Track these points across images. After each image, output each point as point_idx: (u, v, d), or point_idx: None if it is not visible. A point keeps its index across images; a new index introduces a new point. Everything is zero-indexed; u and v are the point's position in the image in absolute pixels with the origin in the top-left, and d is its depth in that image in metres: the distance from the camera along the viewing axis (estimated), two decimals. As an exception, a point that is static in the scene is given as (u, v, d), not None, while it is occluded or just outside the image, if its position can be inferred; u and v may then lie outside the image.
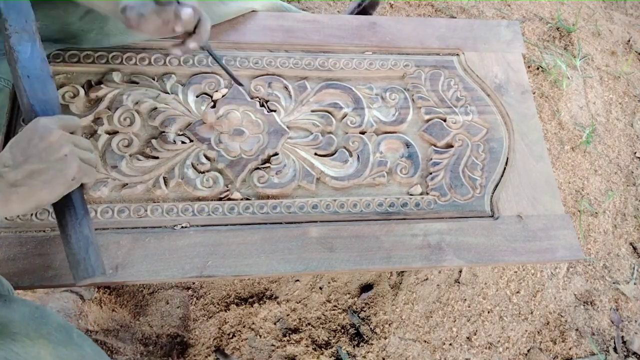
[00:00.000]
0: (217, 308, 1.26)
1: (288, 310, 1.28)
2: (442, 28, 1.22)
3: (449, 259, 0.95)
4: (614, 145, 1.71)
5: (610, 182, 1.64)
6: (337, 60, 1.12)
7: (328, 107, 1.07)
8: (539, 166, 1.08)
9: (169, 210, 0.92)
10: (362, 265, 0.93)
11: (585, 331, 1.37)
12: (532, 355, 1.32)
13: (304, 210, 0.96)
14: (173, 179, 0.94)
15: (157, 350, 1.20)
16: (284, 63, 1.10)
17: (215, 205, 0.94)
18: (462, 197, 1.02)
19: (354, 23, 1.18)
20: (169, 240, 0.89)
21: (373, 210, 0.98)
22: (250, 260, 0.90)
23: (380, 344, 1.26)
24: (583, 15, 1.98)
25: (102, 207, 0.90)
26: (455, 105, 1.12)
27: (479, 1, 1.94)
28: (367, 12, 1.58)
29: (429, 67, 1.16)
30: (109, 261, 0.86)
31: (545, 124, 1.68)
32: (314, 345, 1.24)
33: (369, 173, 1.02)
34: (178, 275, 0.87)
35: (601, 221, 1.55)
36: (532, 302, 1.38)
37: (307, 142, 1.03)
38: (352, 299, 1.32)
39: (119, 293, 1.24)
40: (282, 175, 0.98)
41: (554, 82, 1.76)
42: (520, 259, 0.99)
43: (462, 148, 1.08)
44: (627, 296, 1.44)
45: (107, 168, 0.93)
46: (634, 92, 1.83)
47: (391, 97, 1.11)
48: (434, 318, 1.32)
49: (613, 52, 1.90)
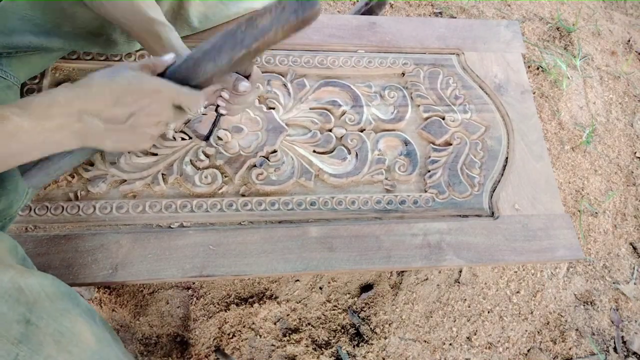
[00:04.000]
0: (217, 308, 1.26)
1: (288, 310, 1.27)
2: (442, 28, 1.22)
3: (449, 258, 0.95)
4: (614, 145, 1.71)
5: (610, 182, 1.63)
6: (336, 58, 1.12)
7: (327, 104, 1.08)
8: (539, 166, 1.08)
9: (168, 207, 0.92)
10: (362, 265, 0.93)
11: (585, 331, 1.37)
12: (532, 355, 1.32)
13: (302, 207, 0.96)
14: (172, 175, 0.95)
15: (157, 350, 1.20)
16: (283, 61, 1.10)
17: (213, 202, 0.94)
18: (460, 195, 1.02)
19: (354, 23, 1.18)
20: (168, 240, 0.89)
21: (371, 207, 0.99)
22: (250, 260, 0.90)
23: (380, 344, 1.26)
24: (583, 15, 1.98)
25: (101, 203, 0.90)
26: (454, 104, 1.12)
27: (479, 1, 1.94)
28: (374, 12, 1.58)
29: (427, 66, 1.16)
30: (109, 261, 0.86)
31: (545, 124, 1.68)
32: (314, 345, 1.24)
33: (368, 170, 1.02)
34: (178, 275, 0.87)
35: (601, 221, 1.55)
36: (532, 302, 1.38)
37: (305, 139, 1.03)
38: (352, 299, 1.32)
39: (119, 293, 1.24)
40: (281, 173, 0.98)
41: (554, 82, 1.76)
42: (520, 259, 0.98)
43: (461, 146, 1.08)
44: (627, 296, 1.44)
45: (106, 164, 0.93)
46: (634, 92, 1.83)
47: (390, 95, 1.11)
48: (434, 318, 1.32)
49: (613, 52, 1.90)
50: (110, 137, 0.66)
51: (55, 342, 0.63)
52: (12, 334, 0.60)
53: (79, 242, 0.86)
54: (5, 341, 0.60)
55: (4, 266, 0.65)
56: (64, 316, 0.65)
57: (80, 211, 0.89)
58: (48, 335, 0.62)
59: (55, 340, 0.63)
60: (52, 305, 0.65)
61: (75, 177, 0.93)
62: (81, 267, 0.85)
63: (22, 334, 0.61)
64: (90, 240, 0.87)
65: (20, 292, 0.63)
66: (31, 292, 0.64)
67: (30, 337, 0.61)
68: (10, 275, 0.64)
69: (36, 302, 0.63)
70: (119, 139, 0.67)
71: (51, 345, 0.62)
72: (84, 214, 0.89)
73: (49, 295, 0.65)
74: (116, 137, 0.66)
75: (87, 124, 0.63)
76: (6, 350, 0.60)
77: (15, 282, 0.63)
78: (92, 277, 0.84)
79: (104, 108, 0.64)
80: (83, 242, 0.86)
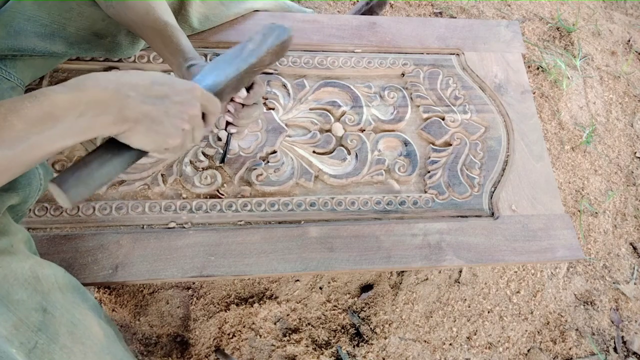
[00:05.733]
0: (217, 308, 1.26)
1: (288, 310, 1.27)
2: (442, 28, 1.22)
3: (449, 258, 0.95)
4: (614, 145, 1.71)
5: (610, 182, 1.63)
6: (335, 59, 1.12)
7: (326, 105, 1.08)
8: (539, 166, 1.08)
9: (167, 207, 0.92)
10: (361, 265, 0.93)
11: (585, 331, 1.37)
12: (532, 355, 1.32)
13: (301, 207, 0.96)
14: (171, 176, 0.95)
15: (157, 350, 1.20)
16: (283, 61, 1.10)
17: (213, 203, 0.94)
18: (460, 196, 1.02)
19: (354, 23, 1.18)
20: (168, 240, 0.89)
21: (371, 208, 0.98)
22: (250, 260, 0.90)
23: (380, 344, 1.26)
24: (583, 15, 1.98)
25: (100, 204, 0.90)
26: (454, 104, 1.12)
27: (479, 1, 1.94)
28: (375, 12, 1.58)
29: (427, 66, 1.16)
30: (109, 261, 0.86)
31: (545, 124, 1.68)
32: (314, 345, 1.24)
33: (367, 171, 1.02)
34: (178, 275, 0.87)
35: (601, 221, 1.55)
36: (532, 302, 1.38)
37: (305, 140, 1.03)
38: (352, 299, 1.32)
39: (119, 293, 1.24)
40: (280, 173, 0.98)
41: (554, 82, 1.76)
42: (520, 259, 0.98)
43: (460, 146, 1.08)
44: (627, 296, 1.44)
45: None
46: (634, 92, 1.83)
47: (390, 96, 1.11)
48: (434, 318, 1.32)
49: (613, 52, 1.90)
50: (145, 122, 0.62)
51: (70, 332, 0.64)
52: (31, 321, 0.62)
53: (79, 242, 0.86)
54: (25, 328, 0.61)
55: (24, 255, 0.66)
56: (75, 308, 0.66)
57: (80, 212, 0.89)
58: (63, 325, 0.63)
59: (69, 331, 0.64)
60: (64, 297, 0.66)
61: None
62: (81, 267, 0.85)
63: (41, 322, 0.62)
64: (90, 240, 0.87)
65: (37, 281, 0.64)
66: (47, 282, 0.65)
67: (48, 325, 0.62)
68: (30, 263, 0.65)
69: (50, 292, 0.65)
70: (152, 126, 0.63)
71: (66, 335, 0.63)
72: (84, 215, 0.89)
73: (61, 287, 0.66)
74: (150, 122, 0.62)
75: (125, 98, 0.59)
76: (27, 338, 0.61)
77: (34, 271, 0.65)
78: (92, 277, 0.84)
79: (141, 83, 0.62)
80: (83, 242, 0.86)
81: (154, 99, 0.62)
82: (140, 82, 0.62)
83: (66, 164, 0.93)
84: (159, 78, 0.64)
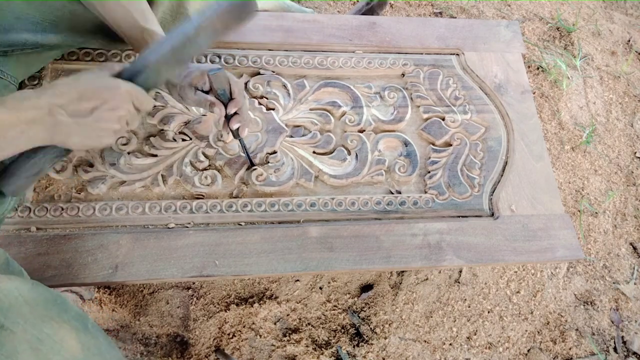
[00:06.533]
0: (217, 308, 1.26)
1: (288, 310, 1.27)
2: (442, 28, 1.22)
3: (449, 258, 0.95)
4: (614, 145, 1.71)
5: (610, 182, 1.63)
6: (335, 59, 1.12)
7: (327, 105, 1.08)
8: (539, 166, 1.08)
9: (167, 208, 0.92)
10: (361, 265, 0.93)
11: (585, 331, 1.37)
12: (532, 355, 1.32)
13: (302, 208, 0.96)
14: (171, 176, 0.95)
15: (157, 350, 1.20)
16: (283, 61, 1.10)
17: (213, 203, 0.94)
18: (460, 196, 1.02)
19: (354, 23, 1.18)
20: (168, 240, 0.89)
21: (371, 208, 0.98)
22: (250, 260, 0.90)
23: (380, 344, 1.26)
24: (583, 15, 1.98)
25: (100, 205, 0.90)
26: (454, 104, 1.12)
27: (479, 1, 1.94)
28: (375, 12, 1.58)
29: (427, 66, 1.16)
30: (109, 261, 0.86)
31: (545, 124, 1.68)
32: (314, 345, 1.24)
33: (367, 171, 1.02)
34: (178, 275, 0.87)
35: (601, 221, 1.55)
36: (532, 302, 1.38)
37: (305, 140, 1.03)
38: (352, 299, 1.32)
39: (119, 293, 1.24)
40: (281, 174, 0.98)
41: (554, 82, 1.76)
42: (520, 259, 0.98)
43: (461, 147, 1.07)
44: (627, 296, 1.44)
45: (106, 165, 0.93)
46: (634, 92, 1.83)
47: (390, 96, 1.11)
48: (434, 318, 1.32)
49: (613, 52, 1.90)
50: (77, 132, 0.70)
51: (33, 349, 0.61)
52: None
53: (79, 242, 0.86)
54: None
55: None
56: (45, 322, 0.63)
57: (80, 212, 0.89)
58: (24, 341, 0.60)
59: (33, 347, 0.61)
60: (32, 311, 0.63)
61: (75, 178, 0.93)
62: (81, 267, 0.85)
63: None
64: (90, 240, 0.87)
65: None
66: (6, 297, 0.62)
67: (4, 343, 0.59)
68: None
69: (11, 307, 0.62)
70: (84, 134, 0.70)
71: (27, 352, 0.60)
72: (84, 215, 0.89)
73: (27, 300, 0.63)
74: (82, 131, 0.70)
75: (56, 117, 0.67)
76: None
77: None
78: (92, 277, 0.84)
79: (69, 102, 0.68)
80: (83, 242, 0.86)
81: (84, 114, 0.69)
82: (68, 99, 0.68)
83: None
84: (87, 91, 0.70)
